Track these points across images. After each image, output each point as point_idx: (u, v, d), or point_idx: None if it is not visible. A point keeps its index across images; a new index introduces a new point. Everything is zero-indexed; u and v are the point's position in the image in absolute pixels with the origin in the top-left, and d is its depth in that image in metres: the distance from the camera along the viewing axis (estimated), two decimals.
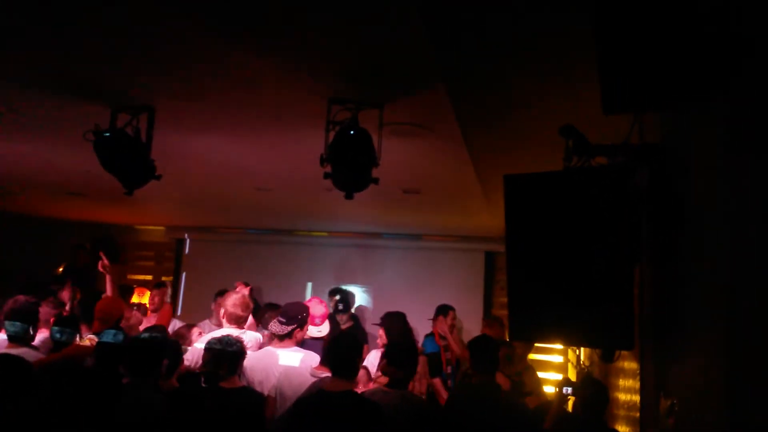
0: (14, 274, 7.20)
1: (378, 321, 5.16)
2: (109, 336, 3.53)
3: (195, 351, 3.94)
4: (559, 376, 5.50)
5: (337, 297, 6.57)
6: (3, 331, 4.11)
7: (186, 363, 3.85)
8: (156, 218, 8.91)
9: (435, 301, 6.42)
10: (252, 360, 3.78)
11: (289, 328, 3.94)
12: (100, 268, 4.96)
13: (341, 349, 3.09)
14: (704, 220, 1.89)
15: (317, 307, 4.61)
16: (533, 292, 2.52)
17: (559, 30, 2.26)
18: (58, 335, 4.00)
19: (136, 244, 9.83)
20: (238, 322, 4.13)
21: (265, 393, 3.57)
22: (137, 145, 3.24)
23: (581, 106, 2.85)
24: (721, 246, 1.70)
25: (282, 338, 3.94)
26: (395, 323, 4.94)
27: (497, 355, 3.59)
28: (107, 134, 3.12)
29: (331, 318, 5.57)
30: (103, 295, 4.82)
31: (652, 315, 2.60)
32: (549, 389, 5.35)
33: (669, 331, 2.33)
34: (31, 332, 3.92)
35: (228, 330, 4.04)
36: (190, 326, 4.55)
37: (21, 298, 4.03)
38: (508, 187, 2.61)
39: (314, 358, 3.81)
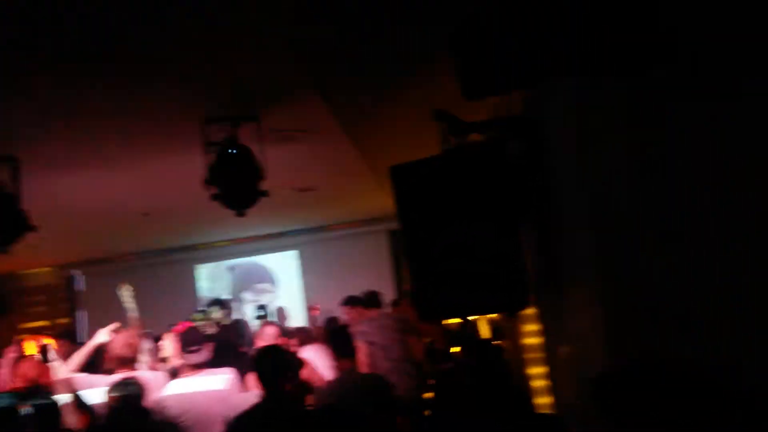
0: None
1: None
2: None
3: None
4: None
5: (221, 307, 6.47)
6: None
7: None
8: (41, 260, 8.32)
9: (352, 286, 6.52)
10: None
11: (205, 352, 3.78)
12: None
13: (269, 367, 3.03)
14: (569, 182, 2.11)
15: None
16: (433, 272, 2.66)
17: (414, 28, 2.38)
18: None
19: (24, 290, 9.15)
20: (126, 365, 3.78)
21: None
22: (4, 199, 3.03)
23: (452, 89, 3.02)
24: (582, 206, 1.91)
25: (200, 366, 3.74)
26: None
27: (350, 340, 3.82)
28: None
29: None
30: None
31: (539, 272, 2.85)
32: None
33: (554, 286, 2.57)
34: None
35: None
36: None
37: None
38: (394, 177, 2.72)
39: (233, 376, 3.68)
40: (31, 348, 6.23)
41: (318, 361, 4.50)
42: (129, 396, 3.23)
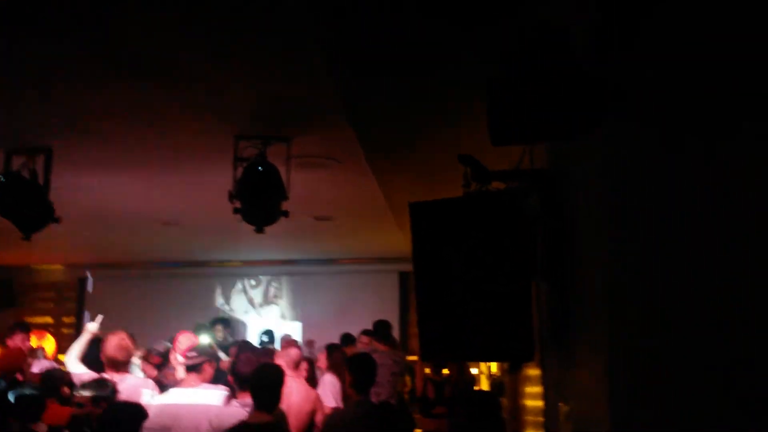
0: None
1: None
2: None
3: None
4: None
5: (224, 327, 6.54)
6: None
7: None
8: (55, 256, 8.41)
9: (353, 323, 6.49)
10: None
11: (201, 359, 3.68)
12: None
13: (267, 383, 3.02)
14: (585, 237, 2.11)
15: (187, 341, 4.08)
16: (441, 314, 2.65)
17: (453, 74, 2.45)
18: None
19: (34, 286, 9.22)
20: (117, 367, 3.72)
21: None
22: (34, 188, 3.11)
23: (479, 136, 3.07)
24: (598, 262, 1.91)
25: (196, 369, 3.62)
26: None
27: (375, 372, 3.65)
28: (2, 179, 2.98)
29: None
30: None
31: (548, 327, 2.82)
32: None
33: (562, 341, 2.54)
34: None
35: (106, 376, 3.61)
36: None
37: None
38: (413, 214, 2.74)
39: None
40: (35, 341, 6.29)
41: (332, 387, 4.64)
42: (98, 396, 3.16)
